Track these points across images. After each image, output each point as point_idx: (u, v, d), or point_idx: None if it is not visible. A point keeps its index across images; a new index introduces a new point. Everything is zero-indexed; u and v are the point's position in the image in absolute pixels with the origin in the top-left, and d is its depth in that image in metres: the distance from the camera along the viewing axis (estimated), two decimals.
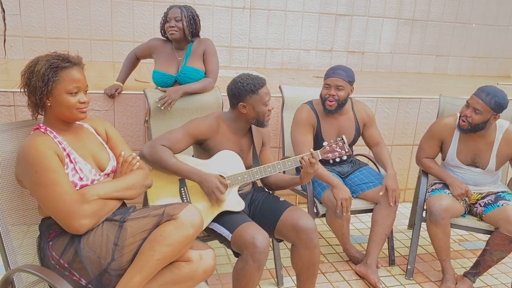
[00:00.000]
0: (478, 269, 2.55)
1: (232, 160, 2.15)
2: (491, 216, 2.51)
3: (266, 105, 2.14)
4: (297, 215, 2.08)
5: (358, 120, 2.78)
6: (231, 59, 4.90)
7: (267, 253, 1.92)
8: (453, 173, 2.68)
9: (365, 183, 2.71)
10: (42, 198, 1.52)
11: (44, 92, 1.56)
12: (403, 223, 3.51)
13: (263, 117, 2.15)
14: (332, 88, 2.60)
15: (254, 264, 1.89)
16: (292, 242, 2.11)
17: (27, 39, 4.28)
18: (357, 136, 2.80)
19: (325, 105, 2.64)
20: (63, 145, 1.61)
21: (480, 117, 2.44)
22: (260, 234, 1.91)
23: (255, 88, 2.10)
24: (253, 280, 1.93)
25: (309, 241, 2.06)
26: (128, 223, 1.58)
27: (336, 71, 2.61)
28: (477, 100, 2.44)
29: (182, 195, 2.06)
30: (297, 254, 2.11)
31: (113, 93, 2.97)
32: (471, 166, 2.62)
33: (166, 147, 2.05)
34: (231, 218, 2.05)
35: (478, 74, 5.95)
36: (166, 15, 2.76)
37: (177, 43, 2.80)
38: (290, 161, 2.14)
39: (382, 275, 2.74)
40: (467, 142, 2.60)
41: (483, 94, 2.43)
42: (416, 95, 3.82)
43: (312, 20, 5.07)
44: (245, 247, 1.90)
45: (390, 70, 5.55)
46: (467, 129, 2.51)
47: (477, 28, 5.74)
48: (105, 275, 1.53)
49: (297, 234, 2.06)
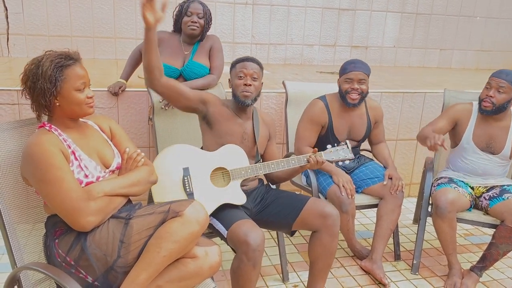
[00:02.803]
0: (485, 263, 2.54)
1: (237, 154, 2.17)
2: (496, 210, 2.50)
3: (240, 78, 2.19)
4: (322, 203, 2.16)
5: (371, 117, 2.78)
6: (234, 55, 4.89)
7: (261, 251, 1.90)
8: (464, 161, 2.68)
9: (370, 178, 2.70)
10: (48, 196, 1.52)
11: (53, 93, 1.56)
12: (408, 218, 3.50)
13: (236, 90, 2.21)
14: (355, 82, 2.61)
15: (248, 263, 1.87)
16: (316, 228, 2.14)
17: (30, 37, 4.28)
18: (368, 133, 2.79)
19: (346, 99, 2.64)
20: (68, 143, 1.61)
21: (505, 96, 2.50)
22: (253, 232, 1.89)
23: (234, 62, 2.25)
24: (250, 278, 1.92)
25: (333, 228, 2.12)
26: (134, 220, 1.58)
27: (357, 64, 2.62)
28: (499, 80, 2.50)
29: (185, 184, 2.06)
30: (319, 241, 2.15)
31: (116, 91, 2.97)
32: (485, 152, 2.62)
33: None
34: (228, 214, 2.05)
35: (482, 67, 5.91)
36: (186, 9, 2.72)
37: (191, 38, 2.79)
38: (294, 160, 2.16)
39: (388, 270, 2.73)
40: (483, 126, 2.62)
41: (503, 75, 2.51)
42: (420, 90, 3.80)
43: (315, 15, 5.05)
44: (239, 245, 1.89)
45: (394, 64, 5.52)
46: (491, 111, 2.54)
47: (481, 21, 5.70)
48: (111, 272, 1.53)
49: (324, 220, 2.11)
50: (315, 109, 2.69)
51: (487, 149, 2.62)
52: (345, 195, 2.50)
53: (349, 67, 2.63)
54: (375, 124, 2.81)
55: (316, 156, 2.15)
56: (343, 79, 2.64)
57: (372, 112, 2.78)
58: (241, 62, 2.22)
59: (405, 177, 3.88)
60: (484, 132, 2.62)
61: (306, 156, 2.16)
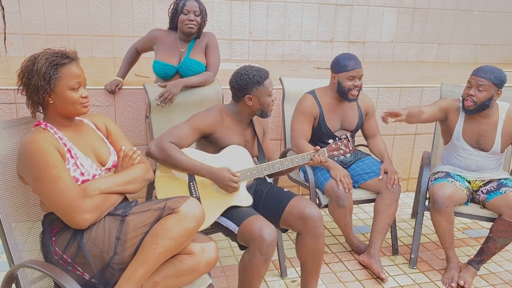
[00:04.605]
0: (482, 257, 2.55)
1: (240, 155, 2.16)
2: (493, 203, 2.51)
3: (270, 96, 2.15)
4: (303, 204, 2.11)
5: (361, 108, 2.83)
6: (231, 52, 4.89)
7: (274, 246, 1.93)
8: (457, 158, 2.68)
9: (367, 173, 2.71)
10: (44, 194, 1.53)
11: (47, 90, 1.57)
12: (406, 212, 3.51)
13: (267, 108, 2.17)
14: (357, 79, 2.65)
15: (261, 257, 1.90)
16: (298, 231, 2.13)
17: (27, 36, 4.28)
18: (360, 123, 2.83)
19: (348, 95, 2.67)
20: (64, 141, 1.62)
21: (485, 94, 2.48)
22: (267, 227, 1.92)
23: (261, 79, 2.11)
24: (260, 272, 1.94)
25: (315, 230, 2.08)
26: (130, 217, 1.59)
27: (357, 61, 2.66)
28: (478, 79, 2.49)
29: (192, 189, 2.06)
30: (303, 243, 2.13)
31: (113, 89, 2.97)
32: (476, 149, 2.63)
33: (174, 144, 2.04)
34: (237, 211, 2.06)
35: (480, 61, 5.90)
36: (181, 7, 2.70)
37: (187, 36, 2.79)
38: (298, 158, 2.16)
39: (386, 265, 2.74)
40: (471, 124, 2.62)
41: (482, 73, 2.49)
42: (417, 84, 3.80)
43: (312, 10, 5.04)
44: (253, 240, 1.91)
45: (392, 59, 5.52)
46: (473, 109, 2.54)
47: (479, 15, 5.69)
48: (108, 269, 1.54)
49: (304, 222, 2.08)
50: (305, 103, 2.73)
51: (478, 146, 2.62)
52: (342, 190, 2.51)
53: (350, 64, 2.64)
54: (367, 116, 2.86)
55: (320, 156, 2.16)
56: (345, 76, 2.65)
57: (362, 104, 2.84)
58: (269, 77, 2.17)
59: (402, 172, 3.89)
60: (472, 129, 2.62)
61: (310, 154, 2.16)
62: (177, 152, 2.02)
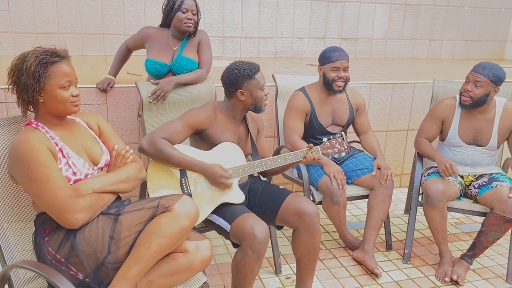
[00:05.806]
0: (475, 251, 2.57)
1: (233, 152, 2.16)
2: (485, 198, 2.53)
3: (262, 90, 2.15)
4: (299, 200, 2.12)
5: (352, 103, 2.84)
6: (224, 49, 4.87)
7: (267, 243, 1.93)
8: (452, 152, 2.70)
9: (360, 169, 2.72)
10: (36, 194, 1.52)
11: (37, 89, 1.55)
12: (399, 208, 3.53)
13: (260, 102, 2.17)
14: (341, 70, 2.66)
15: (253, 255, 1.90)
16: (295, 227, 2.13)
17: (16, 35, 4.23)
18: (351, 118, 2.84)
19: (333, 86, 2.68)
20: (55, 140, 1.60)
21: (482, 90, 2.50)
22: (259, 225, 1.91)
23: (251, 73, 2.11)
24: (253, 270, 1.94)
25: (311, 226, 2.09)
26: (123, 216, 1.58)
27: (341, 53, 2.69)
28: (476, 75, 2.50)
29: (183, 185, 2.06)
30: (299, 239, 2.13)
31: (105, 87, 2.95)
32: (472, 145, 2.64)
33: (166, 139, 2.03)
34: (229, 209, 2.05)
35: (472, 57, 5.93)
36: (179, 5, 2.67)
37: (183, 34, 2.77)
38: (291, 156, 2.15)
39: (380, 260, 2.75)
40: (468, 120, 2.63)
41: (480, 69, 2.51)
42: (410, 80, 3.82)
43: (304, 7, 5.04)
44: (245, 238, 1.90)
45: (384, 55, 5.53)
46: (470, 105, 2.55)
47: (470, 11, 5.72)
48: (102, 269, 1.53)
49: (300, 218, 2.09)
50: (296, 100, 2.75)
51: (474, 142, 2.64)
52: (336, 186, 2.51)
53: (334, 56, 2.67)
54: (358, 111, 2.87)
55: (313, 153, 2.15)
56: (329, 67, 2.68)
57: (353, 99, 2.86)
58: (260, 71, 2.17)
59: (396, 168, 3.90)
60: (469, 126, 2.63)
61: (303, 152, 2.15)
62: (169, 148, 2.01)
